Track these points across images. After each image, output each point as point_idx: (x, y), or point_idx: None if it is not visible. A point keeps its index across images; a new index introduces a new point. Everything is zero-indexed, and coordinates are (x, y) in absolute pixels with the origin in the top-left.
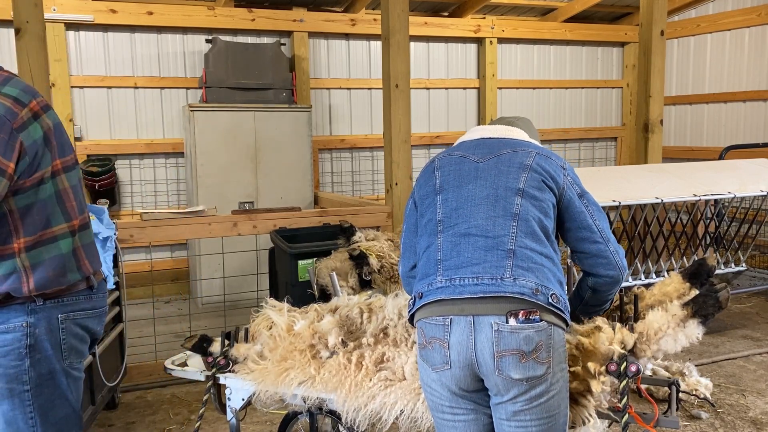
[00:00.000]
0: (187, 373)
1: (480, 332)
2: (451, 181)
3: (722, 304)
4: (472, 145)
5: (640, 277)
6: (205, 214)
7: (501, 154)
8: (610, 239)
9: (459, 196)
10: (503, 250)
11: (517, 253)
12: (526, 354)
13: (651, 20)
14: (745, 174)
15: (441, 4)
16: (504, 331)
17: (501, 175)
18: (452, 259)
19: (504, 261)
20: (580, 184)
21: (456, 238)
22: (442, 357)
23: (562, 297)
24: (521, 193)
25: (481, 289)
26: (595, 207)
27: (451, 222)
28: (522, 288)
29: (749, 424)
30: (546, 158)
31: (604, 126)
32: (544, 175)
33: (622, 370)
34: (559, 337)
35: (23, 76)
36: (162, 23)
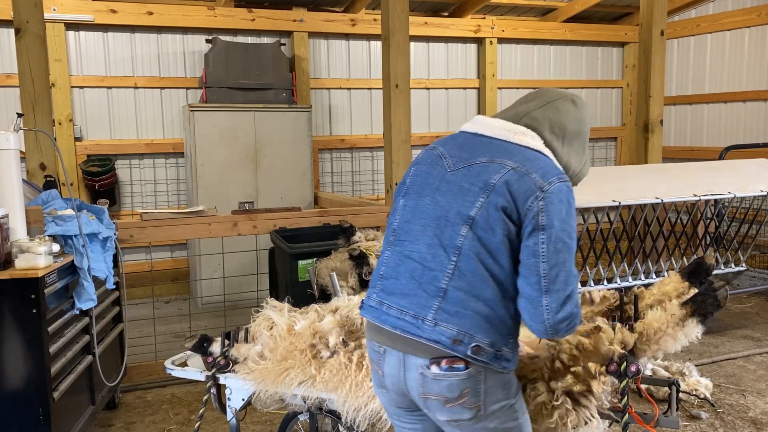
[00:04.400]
0: (187, 373)
1: (409, 371)
2: (416, 185)
3: (721, 302)
4: (462, 141)
5: (640, 277)
6: (205, 214)
7: (473, 163)
8: (552, 290)
9: (415, 208)
10: (435, 287)
11: (449, 295)
12: (451, 400)
13: (651, 20)
14: (745, 174)
15: (441, 4)
16: (428, 376)
17: (459, 194)
18: (390, 280)
19: (432, 301)
20: (553, 213)
21: (400, 258)
22: (379, 381)
23: (491, 347)
24: (471, 222)
25: (401, 326)
26: (555, 245)
27: (401, 237)
28: (440, 336)
29: (749, 424)
30: (522, 176)
31: (604, 126)
32: (505, 200)
33: (622, 370)
34: (495, 380)
35: (23, 76)
36: (162, 23)
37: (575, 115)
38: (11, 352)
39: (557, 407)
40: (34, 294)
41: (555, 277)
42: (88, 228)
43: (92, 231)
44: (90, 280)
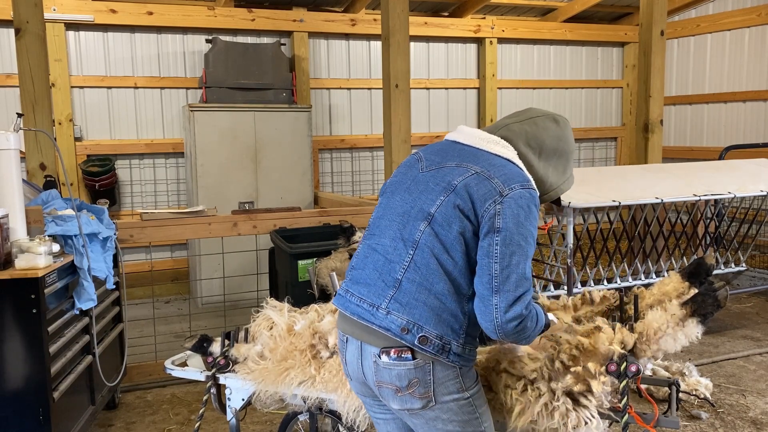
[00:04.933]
0: (187, 373)
1: (365, 359)
2: (393, 185)
3: (721, 302)
4: (440, 147)
5: (640, 277)
6: (205, 214)
7: (443, 167)
8: (503, 290)
9: (387, 205)
10: (392, 278)
11: (403, 286)
12: (401, 389)
13: (651, 20)
14: (745, 174)
15: (441, 4)
16: (380, 365)
17: (425, 192)
18: (357, 271)
19: (387, 291)
20: (509, 217)
21: (368, 251)
22: (345, 369)
23: (438, 339)
24: (429, 218)
25: (359, 312)
26: (508, 247)
27: (372, 231)
28: (390, 324)
29: (749, 424)
30: (483, 180)
31: (604, 126)
32: (463, 201)
33: (622, 370)
34: (444, 372)
35: (23, 76)
36: (162, 23)
37: (555, 133)
38: (11, 352)
39: (557, 407)
40: (34, 294)
41: (506, 278)
42: (88, 228)
43: (92, 231)
44: (90, 280)
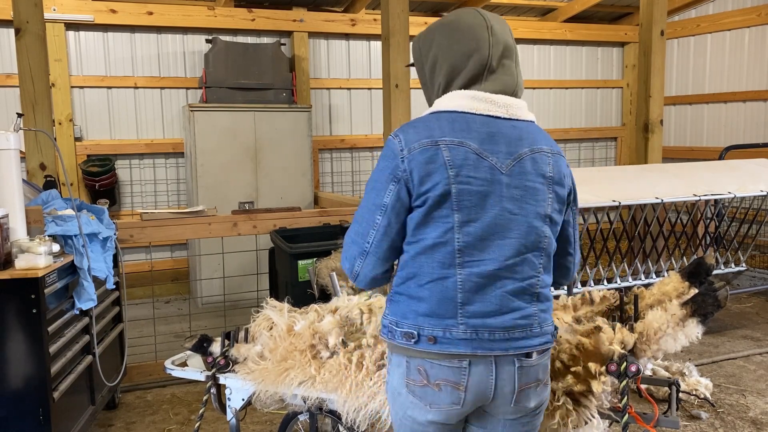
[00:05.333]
0: (187, 373)
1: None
2: (472, 195)
3: (721, 302)
4: (484, 130)
5: (640, 277)
6: (205, 214)
7: (522, 157)
8: (577, 251)
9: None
10: (532, 294)
11: (541, 296)
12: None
13: (651, 20)
14: (745, 174)
15: (441, 4)
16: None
17: (529, 195)
18: (476, 305)
19: (531, 306)
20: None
21: (481, 279)
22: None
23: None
24: (549, 220)
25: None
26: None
27: (474, 257)
28: (546, 338)
29: (749, 424)
30: (559, 157)
31: (604, 126)
32: (562, 186)
33: (622, 370)
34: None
35: (23, 76)
36: (162, 23)
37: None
38: (11, 352)
39: (558, 407)
40: (34, 294)
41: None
42: (88, 228)
43: (92, 231)
44: (90, 280)
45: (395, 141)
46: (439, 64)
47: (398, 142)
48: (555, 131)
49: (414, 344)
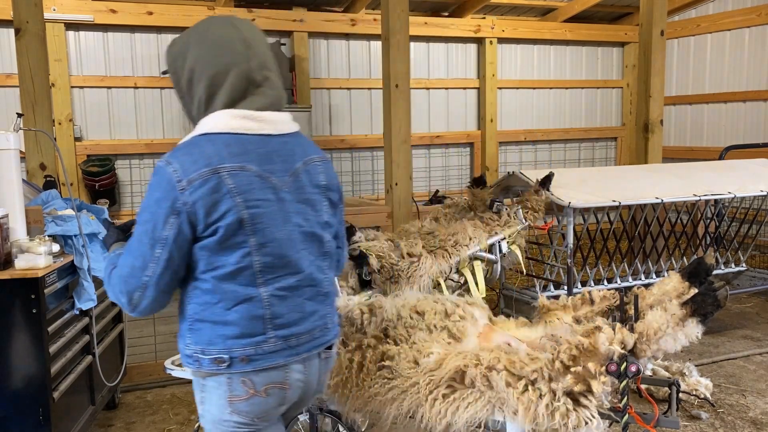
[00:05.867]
0: (187, 373)
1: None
2: (263, 218)
3: (721, 302)
4: (261, 151)
5: (640, 277)
6: None
7: (297, 172)
8: (345, 245)
9: (278, 239)
10: (328, 296)
11: (329, 295)
12: None
13: (651, 20)
14: (745, 174)
15: (441, 4)
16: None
17: (309, 206)
18: (282, 318)
19: (330, 306)
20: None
21: (284, 293)
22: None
23: None
24: (328, 225)
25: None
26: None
27: (275, 273)
28: (336, 331)
29: (749, 424)
30: (326, 162)
31: (604, 126)
32: (332, 191)
33: (622, 370)
34: None
35: (23, 76)
36: (162, 23)
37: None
38: (11, 352)
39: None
40: (34, 294)
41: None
42: (88, 228)
43: (92, 231)
44: (90, 280)
45: (169, 170)
46: (197, 76)
47: (174, 173)
48: (555, 131)
49: (227, 368)
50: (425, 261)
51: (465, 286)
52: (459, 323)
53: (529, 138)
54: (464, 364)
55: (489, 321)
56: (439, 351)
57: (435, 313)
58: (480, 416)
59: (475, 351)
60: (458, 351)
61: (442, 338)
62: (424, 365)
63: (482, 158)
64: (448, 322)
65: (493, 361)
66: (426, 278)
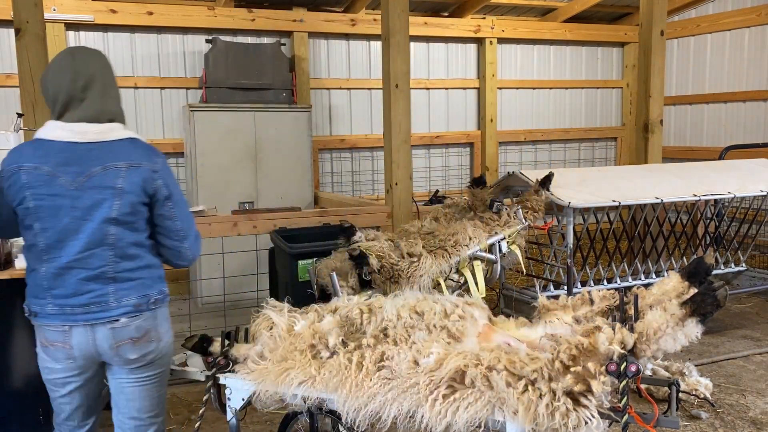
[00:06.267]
0: (187, 373)
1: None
2: (46, 208)
3: (720, 302)
4: (61, 155)
5: (640, 277)
6: (205, 214)
7: (92, 174)
8: (188, 236)
9: (57, 227)
10: (104, 279)
11: (118, 278)
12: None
13: (651, 20)
14: (745, 174)
15: (441, 4)
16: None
17: (96, 204)
18: (58, 289)
19: (106, 288)
20: (171, 184)
21: (59, 270)
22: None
23: (161, 295)
24: (117, 222)
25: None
26: (180, 206)
27: (53, 254)
28: (127, 308)
29: (749, 424)
30: (136, 168)
31: (604, 126)
32: (135, 193)
33: (622, 370)
34: (162, 315)
35: (23, 76)
36: (162, 23)
37: (113, 80)
38: (11, 352)
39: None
40: None
41: (189, 226)
42: None
43: None
44: None
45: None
46: (45, 95)
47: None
48: (555, 131)
49: (29, 317)
50: (425, 261)
51: (465, 286)
52: (458, 323)
53: (529, 138)
54: (464, 364)
55: (489, 321)
56: (439, 351)
57: (434, 313)
58: (480, 416)
59: (475, 351)
60: (458, 351)
61: (442, 338)
62: (425, 365)
63: (482, 158)
64: (447, 322)
65: (493, 361)
66: (426, 278)
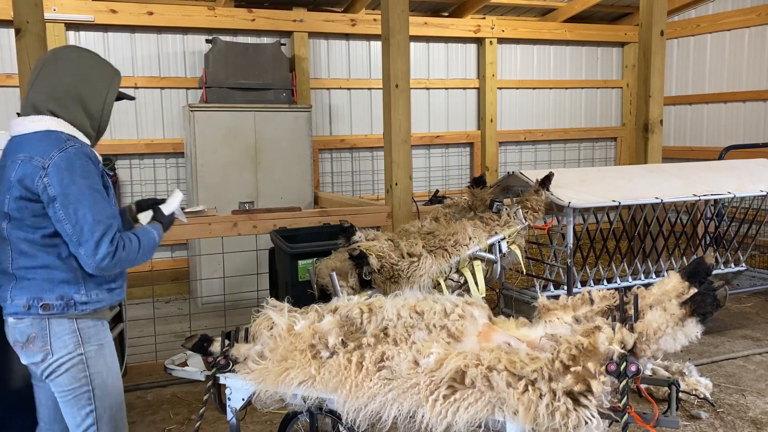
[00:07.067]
0: (187, 373)
1: None
2: None
3: (720, 302)
4: (7, 148)
5: (640, 277)
6: (205, 214)
7: (5, 167)
8: (83, 243)
9: None
10: (7, 275)
11: (16, 275)
12: (24, 344)
13: (651, 20)
14: (745, 174)
15: (441, 4)
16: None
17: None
18: None
19: (8, 284)
20: (56, 183)
21: None
22: None
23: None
24: (7, 217)
25: None
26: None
27: None
28: (16, 308)
29: (749, 424)
30: (27, 164)
31: (604, 126)
32: (21, 191)
33: (622, 370)
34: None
35: (23, 76)
36: (162, 23)
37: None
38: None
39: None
40: None
41: (80, 231)
42: None
43: None
44: None
45: None
46: None
47: None
48: (555, 131)
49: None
50: (425, 261)
51: (465, 286)
52: (458, 322)
53: (529, 138)
54: (464, 364)
55: (489, 320)
56: (440, 351)
57: (434, 312)
58: (480, 416)
59: (475, 351)
60: (458, 351)
61: (442, 337)
62: (425, 366)
63: (482, 158)
64: (447, 322)
65: (494, 361)
66: (426, 278)
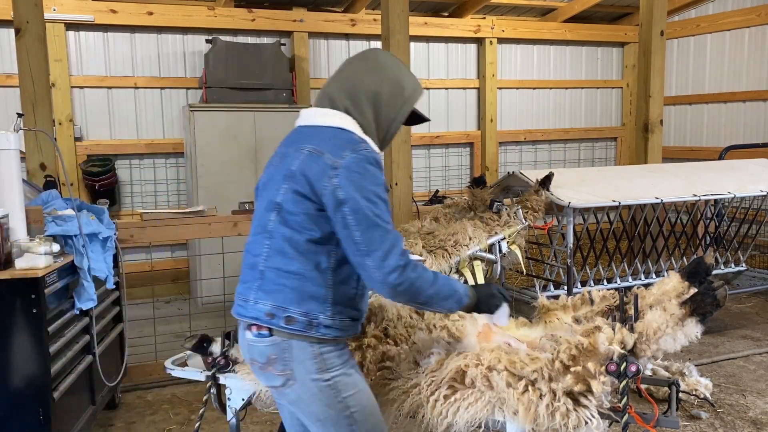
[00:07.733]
0: (187, 373)
1: (242, 340)
2: (261, 185)
3: (720, 302)
4: (290, 135)
5: (640, 277)
6: (205, 214)
7: (286, 155)
8: (371, 253)
9: (257, 206)
10: (257, 271)
11: (265, 275)
12: (263, 365)
13: (651, 20)
14: (745, 174)
15: (441, 4)
16: (246, 341)
17: (273, 183)
18: (242, 273)
19: (254, 283)
20: (348, 186)
21: (243, 253)
22: None
23: (303, 316)
24: (278, 208)
25: (237, 311)
26: (355, 215)
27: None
28: (257, 313)
29: (749, 424)
30: (315, 158)
31: (604, 126)
32: (301, 185)
33: (622, 370)
34: (301, 350)
35: (23, 76)
36: (162, 23)
37: (369, 74)
38: (11, 352)
39: (558, 408)
40: (35, 294)
41: (369, 240)
42: (88, 228)
43: (92, 231)
44: (90, 280)
45: None
46: None
47: None
48: (555, 131)
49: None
50: (425, 261)
51: None
52: (458, 322)
53: (529, 138)
54: (465, 364)
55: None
56: (440, 351)
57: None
58: (480, 416)
59: (475, 351)
60: (458, 351)
61: (442, 337)
62: (425, 366)
63: (482, 158)
64: (447, 321)
65: (494, 361)
66: None
